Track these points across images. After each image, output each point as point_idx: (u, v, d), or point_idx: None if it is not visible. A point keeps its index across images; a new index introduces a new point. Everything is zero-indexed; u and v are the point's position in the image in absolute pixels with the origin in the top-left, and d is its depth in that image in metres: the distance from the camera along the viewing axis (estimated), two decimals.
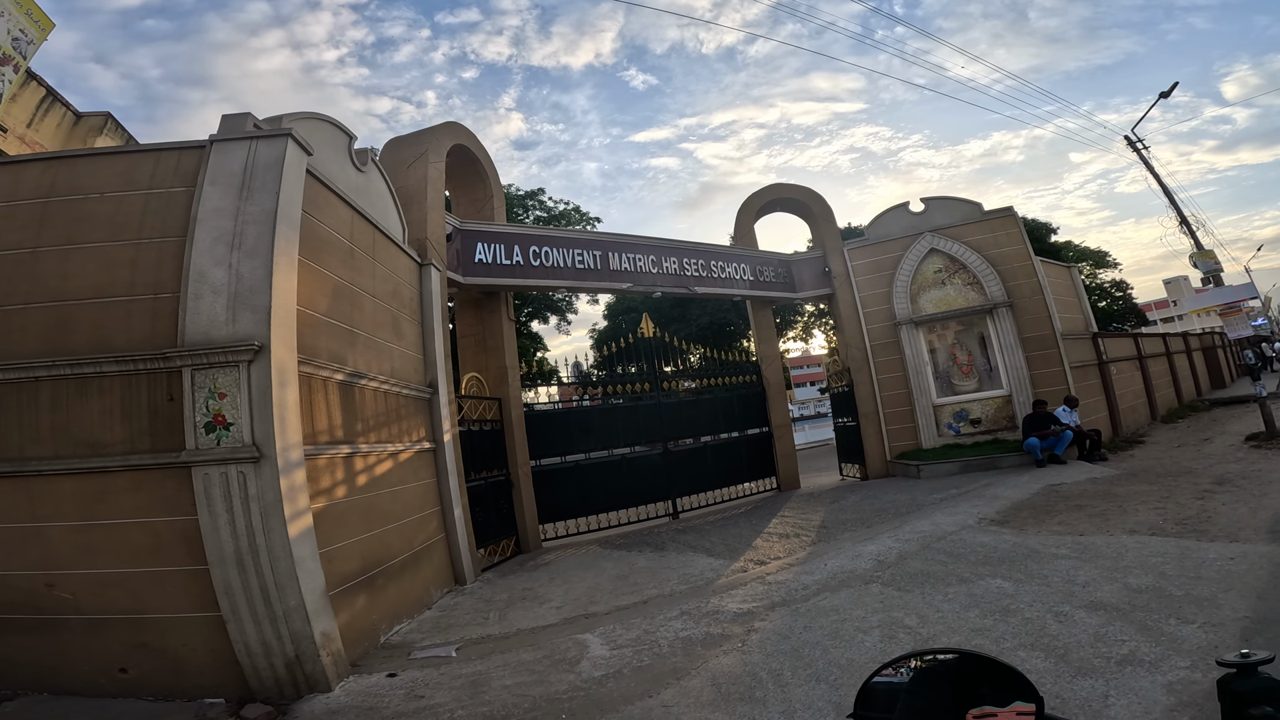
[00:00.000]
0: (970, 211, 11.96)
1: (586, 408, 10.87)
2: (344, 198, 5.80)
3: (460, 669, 4.57)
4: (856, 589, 5.00)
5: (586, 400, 11.63)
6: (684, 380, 11.45)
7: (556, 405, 11.02)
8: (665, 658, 4.28)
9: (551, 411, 10.23)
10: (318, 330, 5.09)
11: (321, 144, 5.55)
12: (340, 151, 6.06)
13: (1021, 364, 11.23)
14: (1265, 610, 3.39)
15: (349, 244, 5.85)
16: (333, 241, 5.55)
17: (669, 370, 11.28)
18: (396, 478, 6.14)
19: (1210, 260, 11.26)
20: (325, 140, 5.72)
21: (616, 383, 11.21)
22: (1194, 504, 6.25)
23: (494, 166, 10.31)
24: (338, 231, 5.66)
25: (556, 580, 7.04)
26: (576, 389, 11.84)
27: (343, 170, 6.02)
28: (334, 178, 5.72)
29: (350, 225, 5.92)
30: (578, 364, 17.83)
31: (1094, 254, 31.18)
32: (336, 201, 5.67)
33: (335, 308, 5.43)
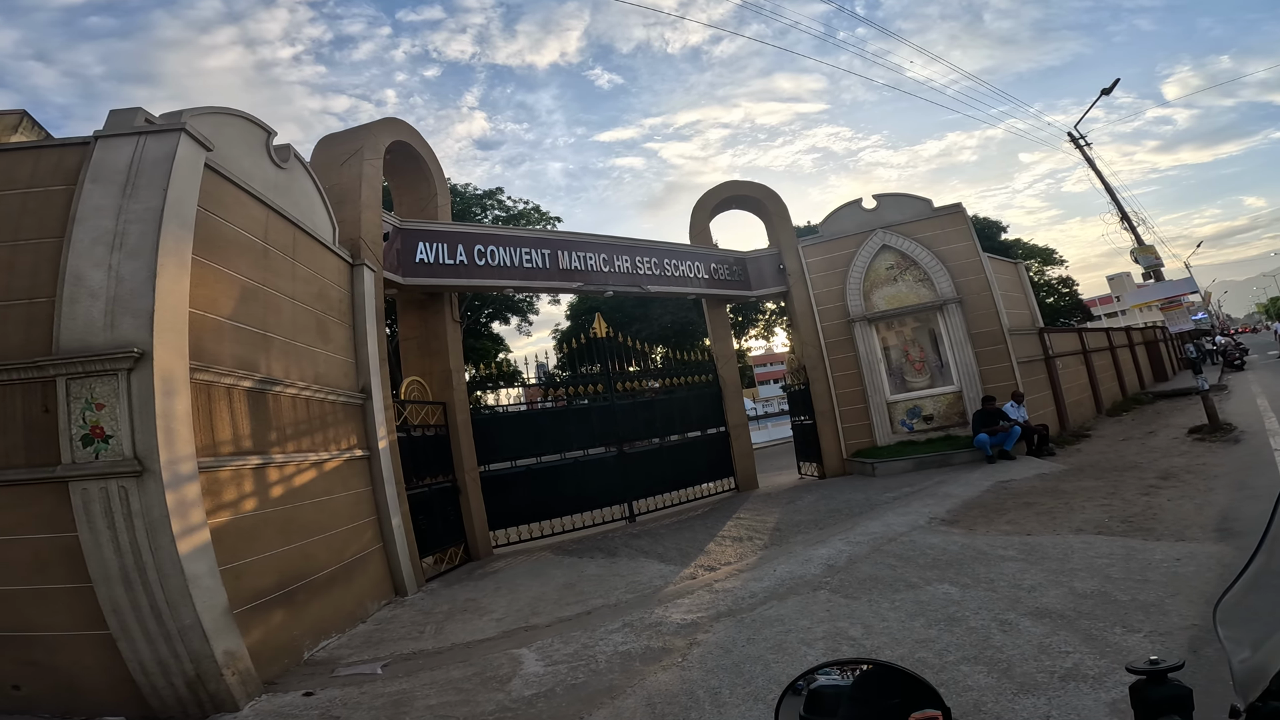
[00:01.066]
0: (921, 208, 12.02)
1: (537, 410, 10.55)
2: (256, 195, 5.45)
3: (384, 687, 4.33)
4: (804, 596, 4.82)
5: (549, 402, 11.31)
6: (638, 380, 11.21)
7: (505, 408, 10.65)
8: (601, 675, 4.05)
9: (500, 415, 9.89)
10: (220, 335, 4.75)
11: (231, 140, 5.25)
12: (255, 148, 5.72)
13: (971, 360, 11.32)
14: (1210, 615, 3.28)
15: (262, 244, 5.49)
16: (240, 241, 5.19)
17: (623, 371, 11.03)
18: (321, 488, 5.78)
19: (1151, 255, 11.54)
20: (236, 136, 5.41)
21: (569, 384, 10.92)
22: (1140, 500, 6.27)
23: (439, 164, 9.93)
24: (248, 230, 5.30)
25: (502, 590, 6.75)
26: (539, 390, 11.50)
27: (258, 167, 5.67)
28: (246, 174, 5.38)
29: (264, 224, 5.56)
30: (541, 365, 17.51)
31: (1042, 251, 32.12)
32: (247, 199, 5.32)
33: (243, 311, 5.08)
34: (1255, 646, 0.90)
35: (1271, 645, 0.87)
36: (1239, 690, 0.86)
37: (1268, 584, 1.02)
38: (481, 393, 10.18)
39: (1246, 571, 1.00)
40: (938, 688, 0.84)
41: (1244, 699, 0.84)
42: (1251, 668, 0.87)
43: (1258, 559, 1.00)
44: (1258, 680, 0.82)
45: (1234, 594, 0.99)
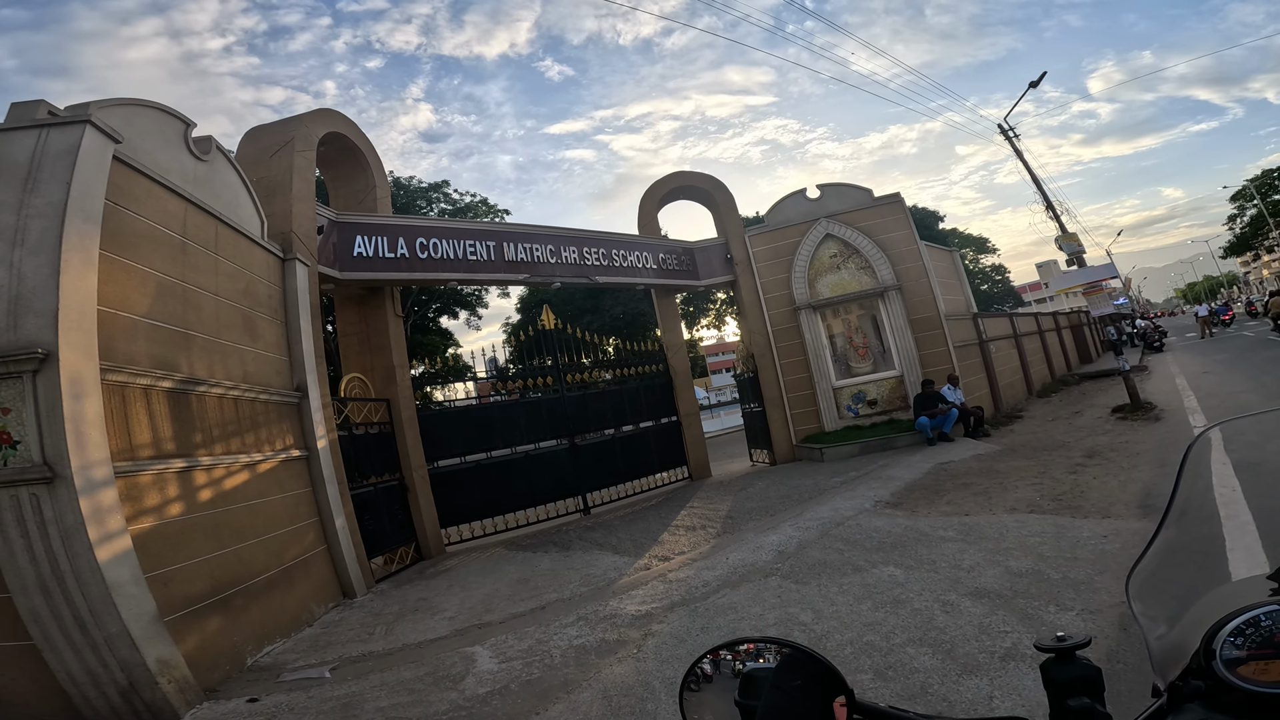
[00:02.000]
0: (861, 198, 12.31)
1: (485, 405, 10.36)
2: (173, 188, 5.16)
3: (332, 691, 4.20)
4: (756, 584, 4.88)
5: (503, 395, 11.08)
6: (588, 372, 11.13)
7: (452, 404, 10.39)
8: (556, 669, 4.00)
9: (447, 410, 9.66)
10: (134, 334, 4.48)
11: (144, 132, 4.99)
12: (172, 140, 5.42)
13: (911, 345, 11.69)
14: None
15: (180, 238, 5.21)
16: (155, 236, 4.92)
17: (572, 362, 10.92)
18: (255, 490, 5.54)
19: (1074, 243, 12.14)
20: (150, 128, 5.12)
21: (517, 378, 10.74)
22: (1068, 479, 6.58)
23: (377, 155, 9.58)
24: (163, 225, 5.02)
25: (454, 588, 6.60)
26: (492, 385, 11.26)
27: (175, 159, 5.38)
28: (162, 167, 5.11)
29: (182, 218, 5.27)
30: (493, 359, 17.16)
31: (976, 240, 33.51)
32: (162, 192, 5.04)
33: (160, 308, 4.81)
34: (1171, 622, 0.89)
35: (1187, 622, 0.85)
36: (1157, 669, 0.84)
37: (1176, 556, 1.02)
38: (431, 388, 9.90)
39: (1154, 543, 1.00)
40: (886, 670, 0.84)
41: (1163, 678, 0.81)
42: (1169, 645, 0.86)
43: (1164, 531, 1.01)
44: (1176, 659, 0.80)
45: (1144, 566, 0.98)
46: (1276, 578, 0.87)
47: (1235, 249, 50.62)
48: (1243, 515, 1.11)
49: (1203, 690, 0.73)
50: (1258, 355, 14.80)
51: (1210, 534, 1.07)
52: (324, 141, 8.47)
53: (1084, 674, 0.77)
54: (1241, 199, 46.29)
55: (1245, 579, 0.93)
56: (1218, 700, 0.73)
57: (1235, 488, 1.14)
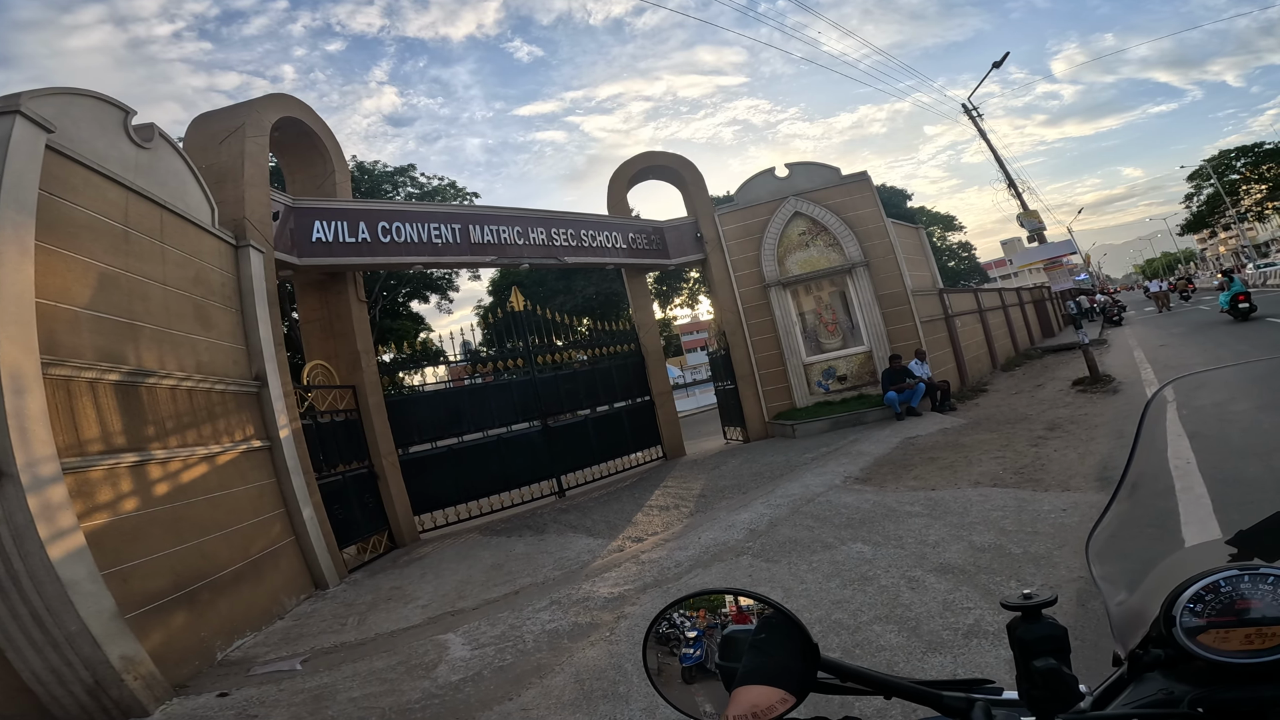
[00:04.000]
0: (830, 176, 12.33)
1: (456, 389, 10.23)
2: (112, 177, 4.99)
3: (303, 683, 4.15)
4: (728, 563, 4.93)
5: (479, 378, 10.92)
6: (559, 353, 11.04)
7: (422, 388, 10.23)
8: (529, 654, 4.01)
9: (416, 396, 9.51)
10: (77, 326, 4.34)
11: (81, 121, 4.81)
12: (110, 128, 5.24)
13: (879, 320, 11.84)
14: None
15: (122, 227, 5.05)
16: (95, 225, 4.75)
17: (543, 344, 10.82)
18: (216, 482, 5.43)
19: (1035, 220, 12.35)
20: (87, 116, 4.94)
21: (485, 360, 10.62)
22: (1030, 452, 6.75)
23: (335, 140, 9.30)
24: (104, 214, 4.86)
25: (428, 575, 6.56)
26: (466, 369, 11.11)
27: (114, 148, 5.20)
28: (101, 156, 4.94)
29: (124, 207, 5.10)
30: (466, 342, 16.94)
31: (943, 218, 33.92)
32: (101, 181, 4.87)
33: (103, 299, 4.67)
34: (1131, 588, 0.88)
35: (1146, 589, 0.84)
36: (1118, 637, 0.83)
37: (1135, 520, 1.00)
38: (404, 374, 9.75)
39: (1113, 506, 0.98)
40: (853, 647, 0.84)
41: (1124, 646, 0.80)
42: (1128, 612, 0.84)
43: (1122, 493, 0.99)
44: (1136, 626, 0.79)
45: (1104, 529, 0.96)
46: (1235, 543, 0.86)
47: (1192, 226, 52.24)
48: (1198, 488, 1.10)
49: (1162, 659, 0.72)
50: (1214, 330, 15.30)
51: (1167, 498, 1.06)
52: (279, 127, 8.28)
53: (1050, 634, 0.76)
54: (1199, 178, 47.69)
55: (1203, 543, 0.91)
56: (1178, 669, 0.72)
57: (1190, 459, 1.14)
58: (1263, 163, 42.03)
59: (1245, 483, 1.10)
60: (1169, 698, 0.70)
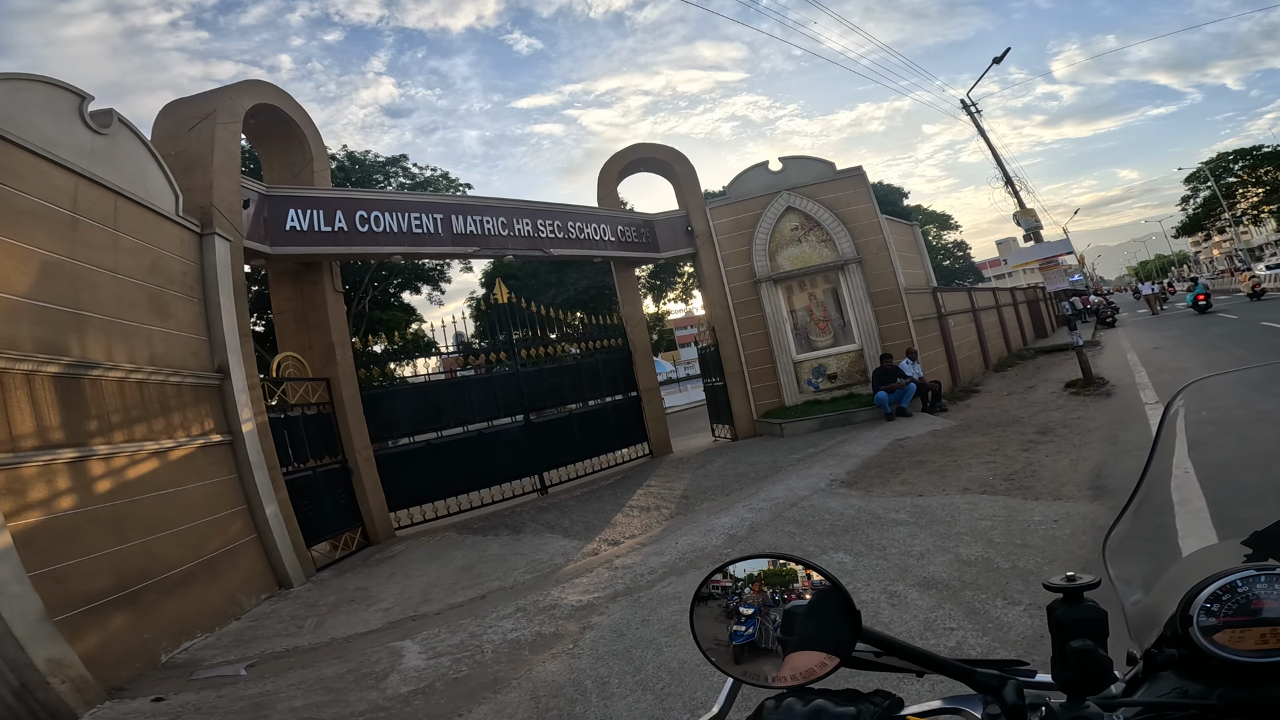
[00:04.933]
0: (824, 171, 12.09)
1: (436, 382, 9.97)
2: (60, 162, 4.77)
3: (245, 690, 3.94)
4: (704, 570, 4.68)
5: (471, 371, 10.63)
6: (543, 347, 10.78)
7: (403, 381, 9.95)
8: (487, 666, 3.79)
9: (394, 389, 9.26)
10: (12, 316, 4.14)
11: (30, 106, 4.65)
12: (64, 114, 5.03)
13: (871, 318, 11.62)
14: None
15: (70, 214, 4.83)
16: (39, 212, 4.54)
17: (526, 337, 10.58)
18: (167, 479, 5.20)
19: (1031, 219, 12.17)
20: (37, 102, 4.77)
21: (468, 354, 10.38)
22: (1021, 457, 6.54)
23: (315, 128, 9.01)
24: (49, 201, 4.65)
25: (396, 576, 6.34)
26: (457, 361, 10.84)
27: (67, 133, 4.99)
28: (52, 142, 4.74)
29: (73, 193, 4.88)
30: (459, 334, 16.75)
31: (939, 217, 33.70)
32: (47, 167, 4.66)
33: (45, 288, 4.45)
34: (1146, 587, 0.89)
35: (1161, 588, 0.85)
36: (1133, 636, 0.83)
37: (1151, 520, 1.00)
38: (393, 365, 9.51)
39: (1130, 507, 0.98)
40: None
41: (1139, 645, 0.80)
42: (1144, 611, 0.85)
43: (1140, 494, 0.99)
44: (1151, 626, 0.78)
45: (1120, 529, 0.97)
46: (1251, 543, 0.86)
47: (1187, 229, 52.17)
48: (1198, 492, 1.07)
49: (1177, 658, 0.73)
50: (1206, 332, 15.18)
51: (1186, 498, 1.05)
52: (255, 114, 8.05)
53: (1089, 616, 0.75)
54: (1195, 181, 47.57)
55: (1219, 544, 0.91)
56: (1192, 668, 0.72)
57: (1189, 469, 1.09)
58: (1260, 166, 41.91)
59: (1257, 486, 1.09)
60: (1185, 697, 0.70)
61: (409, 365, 10.61)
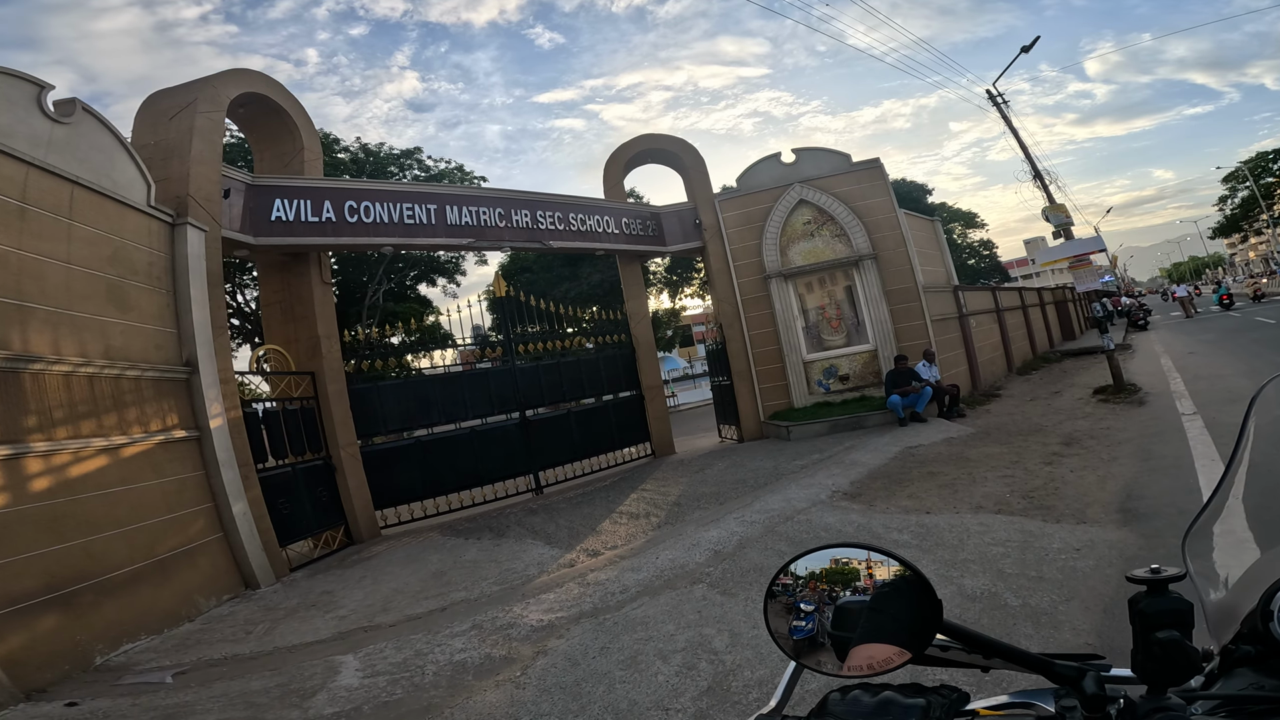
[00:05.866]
0: (839, 163, 11.53)
1: (426, 377, 9.67)
2: (9, 152, 4.57)
3: (163, 699, 3.70)
4: (680, 592, 4.30)
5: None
6: (542, 342, 10.42)
7: (393, 376, 9.56)
8: (423, 691, 3.46)
9: (383, 384, 8.95)
10: None
11: None
12: (19, 103, 4.89)
13: (886, 317, 11.07)
14: (1111, 630, 2.80)
15: (18, 204, 4.63)
16: None
17: (524, 332, 10.23)
18: (116, 477, 4.97)
19: (1061, 214, 11.47)
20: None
21: (462, 347, 10.07)
22: (1042, 471, 6.01)
23: (306, 116, 8.74)
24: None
25: (366, 580, 6.05)
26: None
27: (22, 122, 4.83)
28: (5, 133, 4.60)
29: (21, 182, 4.68)
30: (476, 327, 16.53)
31: (965, 215, 32.59)
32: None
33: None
34: (1225, 584, 0.89)
35: (1241, 583, 0.85)
36: (1212, 632, 0.84)
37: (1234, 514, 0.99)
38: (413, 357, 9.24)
39: (1214, 499, 0.99)
40: None
41: (1217, 641, 0.81)
42: (1222, 607, 0.85)
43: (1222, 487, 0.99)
44: (1229, 622, 0.78)
45: (1202, 523, 0.98)
46: None
47: (1224, 230, 50.18)
48: None
49: (1254, 654, 0.72)
50: (1243, 336, 14.33)
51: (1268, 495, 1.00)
52: (244, 103, 7.89)
53: (1176, 608, 0.72)
54: (1234, 180, 45.71)
55: None
56: (1270, 664, 0.71)
57: None
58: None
59: None
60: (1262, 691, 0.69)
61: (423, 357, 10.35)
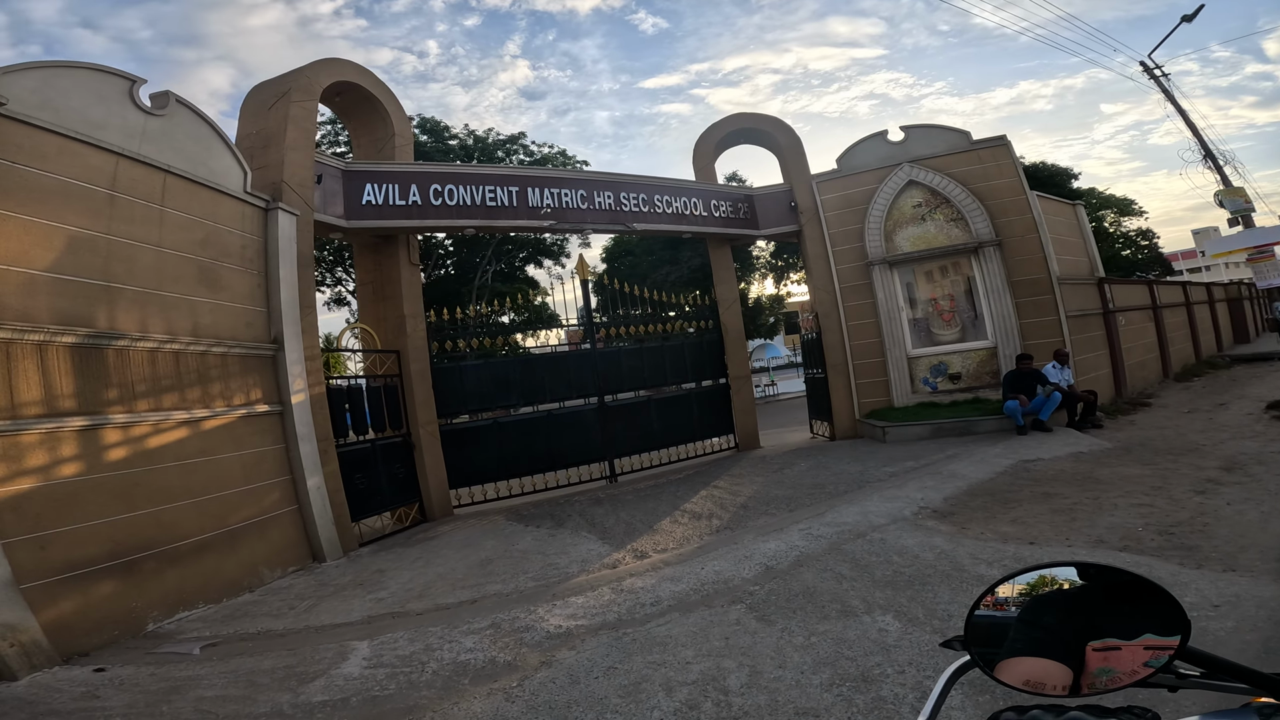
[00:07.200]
0: (956, 141, 10.27)
1: (507, 359, 9.79)
2: (94, 143, 4.90)
3: (180, 671, 3.88)
4: (714, 611, 3.90)
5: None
6: (622, 326, 10.20)
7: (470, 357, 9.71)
8: (415, 689, 3.36)
9: (464, 365, 9.12)
10: (30, 289, 4.31)
11: (71, 91, 4.87)
12: (110, 97, 5.23)
13: (1009, 311, 9.80)
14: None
15: (107, 192, 4.96)
16: (70, 191, 4.69)
17: (608, 317, 10.06)
18: (195, 448, 5.27)
19: (1239, 199, 9.56)
20: (78, 87, 4.97)
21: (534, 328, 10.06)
22: (1191, 501, 4.97)
23: (397, 103, 9.04)
24: (82, 179, 4.82)
25: (419, 562, 6.14)
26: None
27: (116, 115, 5.21)
28: (96, 124, 4.95)
29: (111, 172, 5.01)
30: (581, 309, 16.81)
31: (1119, 201, 28.42)
32: (80, 148, 4.82)
33: (70, 262, 4.62)
34: None
35: None
36: None
37: None
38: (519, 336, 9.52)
39: None
40: None
41: None
42: None
43: None
44: None
45: None
46: None
47: None
48: None
49: None
50: None
51: None
52: (339, 91, 8.28)
53: None
54: None
55: None
56: None
57: None
58: None
59: None
60: None
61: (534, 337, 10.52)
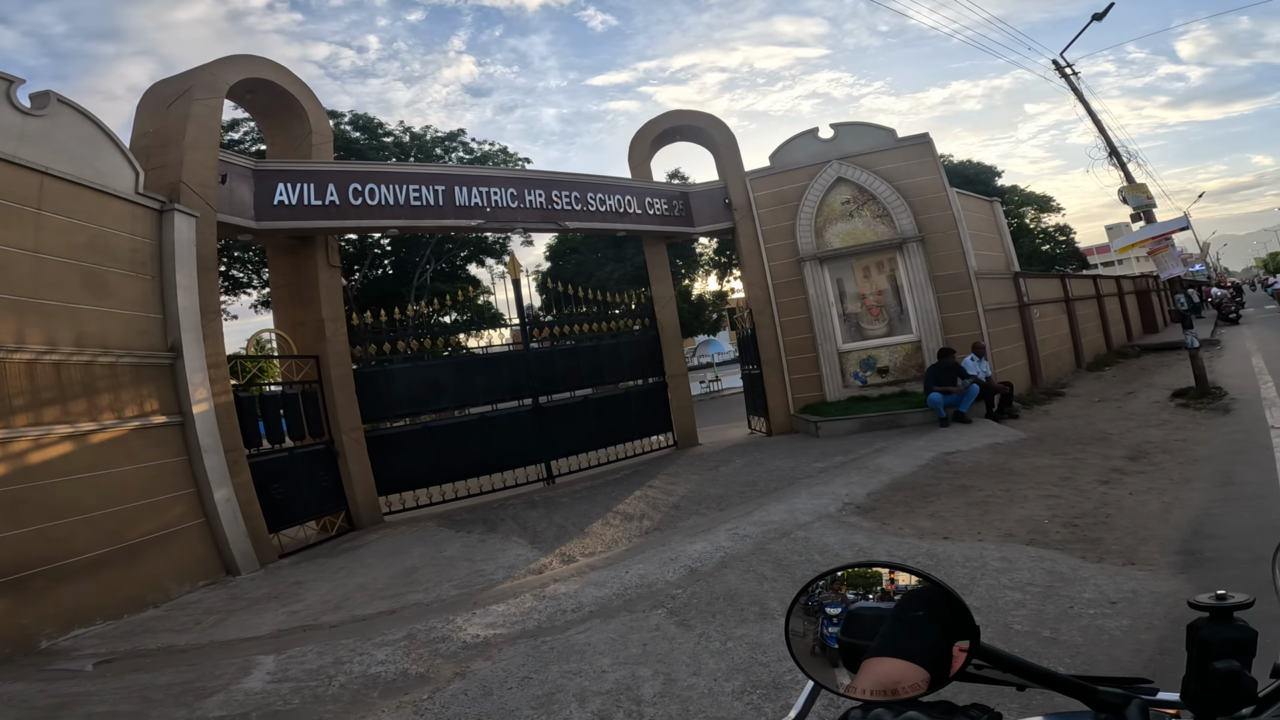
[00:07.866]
0: (883, 138, 10.59)
1: (435, 362, 9.50)
2: None
3: (69, 687, 3.67)
4: (635, 616, 3.85)
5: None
6: (556, 326, 10.07)
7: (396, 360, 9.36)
8: (320, 704, 3.21)
9: (390, 368, 8.80)
10: None
11: None
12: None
13: (932, 305, 10.16)
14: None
15: None
16: None
17: (538, 318, 9.91)
18: (84, 463, 4.96)
19: (1141, 195, 10.15)
20: None
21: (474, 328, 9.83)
22: (1096, 491, 5.22)
23: (315, 99, 8.60)
24: None
25: (341, 572, 5.89)
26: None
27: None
28: None
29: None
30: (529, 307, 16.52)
31: (1039, 199, 30.09)
32: None
33: None
34: None
35: None
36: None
37: None
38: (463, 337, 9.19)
39: None
40: None
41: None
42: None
43: None
44: None
45: None
46: None
47: None
48: None
49: None
50: None
51: None
52: (251, 89, 7.88)
53: (1239, 636, 0.70)
54: None
55: None
56: None
57: None
58: None
59: None
60: None
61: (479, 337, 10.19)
